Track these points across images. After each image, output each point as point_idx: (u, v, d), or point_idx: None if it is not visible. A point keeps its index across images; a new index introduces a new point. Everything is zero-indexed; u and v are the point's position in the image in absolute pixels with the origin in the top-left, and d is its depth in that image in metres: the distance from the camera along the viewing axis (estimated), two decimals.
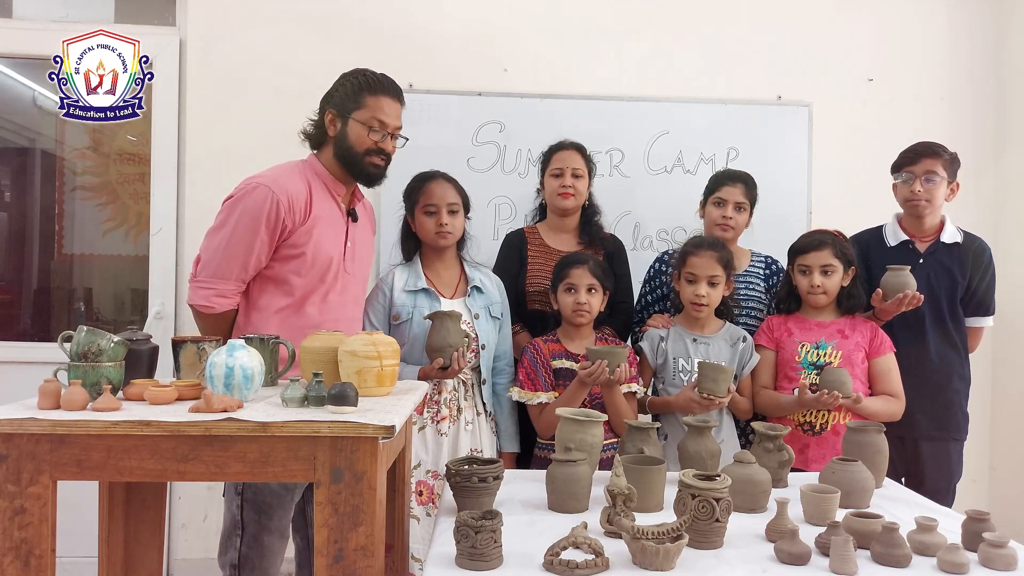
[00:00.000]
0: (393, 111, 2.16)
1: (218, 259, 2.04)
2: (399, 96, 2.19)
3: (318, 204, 2.12)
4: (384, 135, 2.15)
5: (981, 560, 1.41)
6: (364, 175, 2.19)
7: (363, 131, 2.13)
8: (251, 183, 2.06)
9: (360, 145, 2.13)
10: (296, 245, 2.07)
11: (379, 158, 2.16)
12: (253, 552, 2.06)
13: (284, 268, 2.08)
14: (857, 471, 1.77)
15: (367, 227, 2.37)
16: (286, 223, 2.04)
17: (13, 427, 1.40)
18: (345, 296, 2.19)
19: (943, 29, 3.53)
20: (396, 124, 2.18)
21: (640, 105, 3.36)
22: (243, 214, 2.02)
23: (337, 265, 2.16)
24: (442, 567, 1.36)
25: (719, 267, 2.35)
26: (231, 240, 2.02)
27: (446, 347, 2.25)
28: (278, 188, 2.03)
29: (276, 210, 2.02)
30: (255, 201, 2.02)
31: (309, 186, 2.12)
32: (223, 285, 2.05)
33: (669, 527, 1.37)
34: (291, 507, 2.13)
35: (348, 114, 2.13)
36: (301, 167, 2.17)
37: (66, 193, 3.55)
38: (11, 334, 3.45)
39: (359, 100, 2.13)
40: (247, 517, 2.05)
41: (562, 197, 2.62)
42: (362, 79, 2.16)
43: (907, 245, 2.59)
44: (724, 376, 2.19)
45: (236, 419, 1.44)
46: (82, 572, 2.28)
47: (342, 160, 2.16)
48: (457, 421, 2.39)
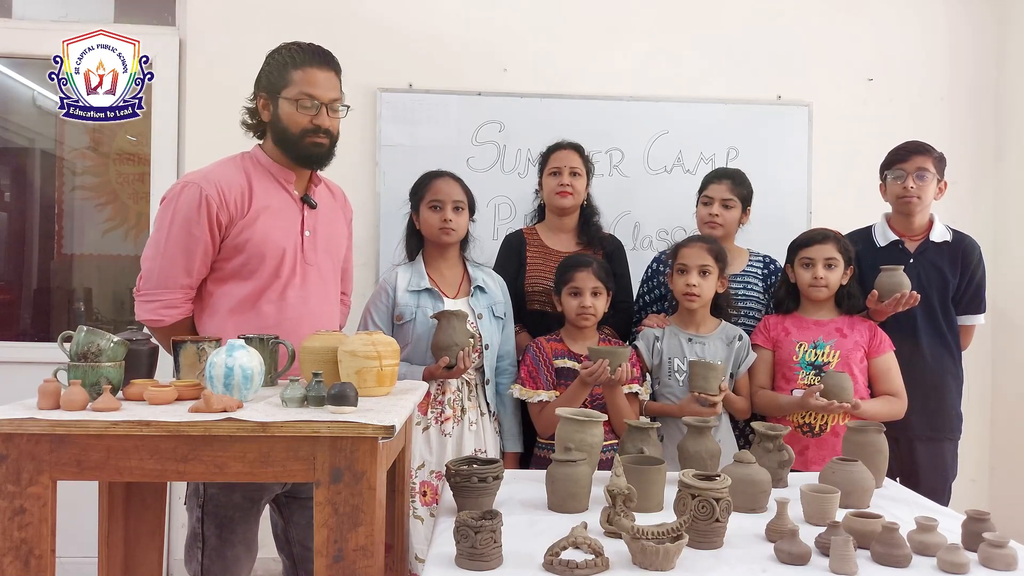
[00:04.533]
0: (325, 82, 1.98)
1: (158, 268, 1.93)
2: (330, 64, 2.01)
3: (262, 195, 1.99)
4: (318, 109, 1.97)
5: (981, 560, 1.41)
6: (306, 157, 2.02)
7: (293, 109, 1.97)
8: (178, 183, 1.96)
9: (294, 126, 1.97)
10: (240, 239, 1.95)
11: (319, 136, 1.99)
12: (216, 566, 1.96)
13: (231, 265, 1.96)
14: (857, 471, 1.77)
15: (334, 213, 2.21)
16: (220, 219, 1.92)
17: (13, 427, 1.40)
18: (307, 291, 2.04)
19: (943, 29, 3.53)
20: (331, 95, 1.99)
21: (640, 105, 3.36)
22: (175, 217, 1.91)
23: (294, 257, 2.02)
24: (442, 567, 1.36)
25: (709, 257, 2.35)
26: (167, 246, 1.91)
27: (452, 346, 2.25)
28: (207, 184, 1.92)
29: (207, 206, 1.90)
30: (184, 201, 1.91)
31: (248, 176, 1.99)
32: (168, 295, 1.93)
33: (669, 527, 1.37)
34: (256, 519, 2.02)
35: (277, 94, 1.98)
36: (240, 159, 2.05)
37: (66, 193, 3.55)
38: (11, 334, 3.45)
39: (286, 77, 1.97)
40: (207, 531, 1.95)
41: (560, 196, 2.62)
42: (286, 54, 2.00)
43: (897, 245, 2.59)
44: (714, 374, 2.20)
45: (236, 419, 1.44)
46: (82, 572, 2.28)
47: (282, 145, 2.01)
48: (461, 421, 2.39)
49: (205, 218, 1.91)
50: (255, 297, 1.98)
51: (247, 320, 1.95)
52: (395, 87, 3.25)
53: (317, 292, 2.08)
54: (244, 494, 1.95)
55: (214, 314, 1.98)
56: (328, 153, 2.05)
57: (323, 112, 1.99)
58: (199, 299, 2.00)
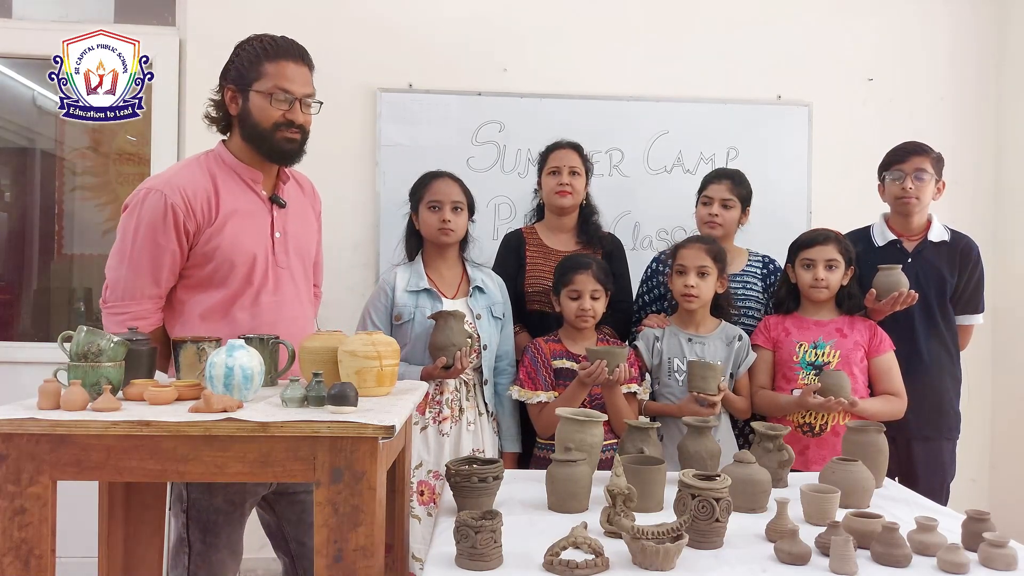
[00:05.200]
0: (298, 76, 1.94)
1: (124, 279, 1.87)
2: (303, 59, 1.97)
3: (229, 198, 1.92)
4: (290, 103, 1.92)
5: (981, 560, 1.41)
6: (277, 152, 1.96)
7: (266, 103, 1.91)
8: (141, 190, 1.88)
9: (266, 120, 1.92)
10: (208, 247, 1.89)
11: (291, 131, 1.94)
12: (202, 571, 1.93)
13: (201, 273, 1.91)
14: (857, 471, 1.77)
15: (303, 209, 2.14)
16: (187, 227, 1.86)
17: (13, 427, 1.40)
18: (281, 295, 1.99)
19: (943, 29, 3.53)
20: (305, 91, 1.95)
21: (640, 105, 3.36)
22: (139, 225, 1.85)
23: (265, 261, 1.96)
24: (442, 567, 1.36)
25: (708, 258, 2.35)
26: (132, 256, 1.85)
27: (449, 346, 2.26)
28: (171, 190, 1.85)
29: (173, 214, 1.84)
30: (148, 209, 1.84)
31: (213, 179, 1.92)
32: (136, 307, 1.87)
33: (669, 527, 1.37)
34: (240, 523, 1.99)
35: (248, 87, 1.92)
36: (203, 160, 1.97)
37: (66, 193, 3.55)
38: (11, 334, 3.45)
39: (258, 69, 1.92)
40: (193, 536, 1.92)
41: (559, 195, 2.62)
42: (258, 46, 1.94)
43: (895, 245, 2.60)
44: (713, 374, 2.20)
45: (236, 419, 1.43)
46: (82, 572, 2.28)
47: (251, 141, 1.95)
48: (459, 421, 2.39)
49: (172, 227, 1.85)
50: (227, 304, 1.93)
51: (220, 327, 1.90)
52: (395, 87, 3.25)
53: (290, 295, 2.03)
54: (226, 497, 1.92)
55: (186, 322, 1.92)
56: (299, 149, 1.99)
57: (296, 107, 1.94)
58: (169, 307, 1.95)
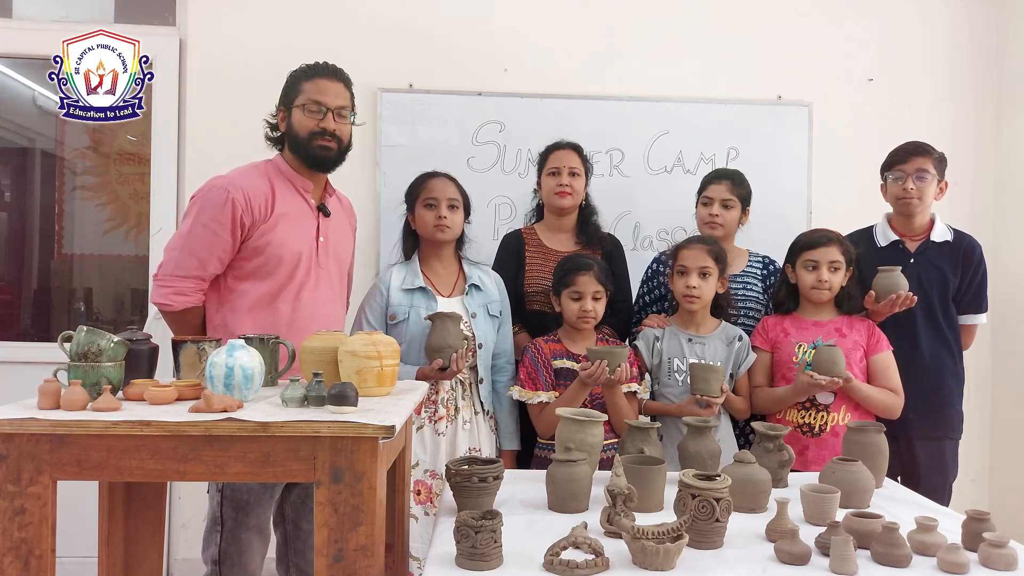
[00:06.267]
0: (331, 89, 2.18)
1: (176, 257, 2.08)
2: (338, 76, 2.21)
3: (283, 201, 2.15)
4: (323, 113, 2.15)
5: (981, 560, 1.41)
6: (314, 159, 2.19)
7: (303, 115, 2.16)
8: (210, 183, 2.11)
9: (303, 130, 2.16)
10: (261, 242, 2.10)
11: (325, 139, 2.17)
12: (232, 548, 2.11)
13: (251, 265, 2.11)
14: (857, 471, 1.77)
15: (343, 221, 2.38)
16: (244, 221, 2.07)
17: (13, 427, 1.40)
18: (319, 293, 2.21)
19: (943, 29, 3.53)
20: (338, 103, 2.18)
21: (640, 105, 3.35)
22: (200, 213, 2.07)
23: (308, 260, 2.18)
24: (442, 567, 1.36)
25: (709, 259, 2.35)
26: (188, 238, 2.07)
27: (445, 348, 2.26)
28: (234, 187, 2.07)
29: (232, 208, 2.05)
30: (212, 200, 2.06)
31: (271, 184, 2.15)
32: (181, 283, 2.07)
33: (669, 527, 1.37)
34: (270, 504, 2.17)
35: (291, 105, 2.18)
36: (264, 166, 2.21)
37: (66, 193, 3.55)
38: (11, 334, 3.45)
39: (297, 89, 2.18)
40: (226, 514, 2.10)
41: (559, 196, 2.62)
42: (299, 71, 2.21)
43: (897, 245, 2.60)
44: (715, 375, 2.20)
45: (236, 419, 1.44)
46: (82, 572, 2.28)
47: (295, 151, 2.19)
48: (455, 421, 2.39)
49: (229, 219, 2.05)
50: (272, 296, 2.13)
51: (264, 316, 2.11)
52: (395, 87, 3.25)
53: (327, 294, 2.24)
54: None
55: (234, 309, 2.12)
56: (337, 157, 2.22)
57: (329, 116, 2.16)
58: (218, 293, 2.14)
